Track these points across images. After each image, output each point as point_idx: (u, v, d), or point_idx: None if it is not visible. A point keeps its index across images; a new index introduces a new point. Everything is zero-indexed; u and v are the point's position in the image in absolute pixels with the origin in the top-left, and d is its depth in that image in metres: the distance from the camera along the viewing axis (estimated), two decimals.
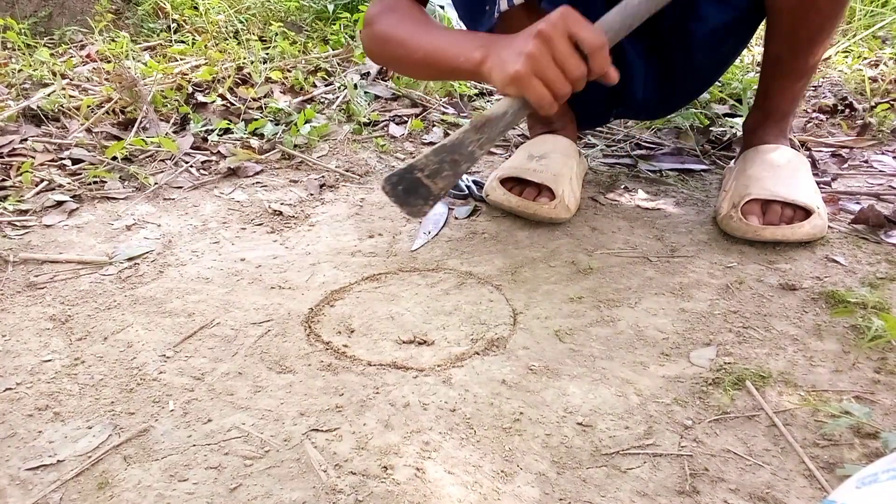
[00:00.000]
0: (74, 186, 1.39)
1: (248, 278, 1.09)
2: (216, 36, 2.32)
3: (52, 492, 0.70)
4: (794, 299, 1.02)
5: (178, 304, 1.02)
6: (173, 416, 0.80)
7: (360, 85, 1.95)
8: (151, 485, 0.71)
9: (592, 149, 1.64)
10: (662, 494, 0.70)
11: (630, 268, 1.11)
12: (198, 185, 1.44)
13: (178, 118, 1.74)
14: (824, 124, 1.72)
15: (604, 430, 0.78)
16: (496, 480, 0.71)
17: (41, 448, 0.76)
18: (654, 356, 0.90)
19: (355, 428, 0.78)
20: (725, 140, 1.62)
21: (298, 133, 1.65)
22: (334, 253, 1.16)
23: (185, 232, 1.24)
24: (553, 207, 1.22)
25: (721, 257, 1.14)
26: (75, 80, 1.94)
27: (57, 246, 1.19)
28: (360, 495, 0.69)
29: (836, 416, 0.78)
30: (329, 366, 0.88)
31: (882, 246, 1.15)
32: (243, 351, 0.92)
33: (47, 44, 2.34)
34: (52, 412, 0.81)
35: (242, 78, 1.99)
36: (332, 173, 1.50)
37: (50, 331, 0.96)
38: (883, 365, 0.87)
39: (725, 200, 1.22)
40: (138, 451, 0.75)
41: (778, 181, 1.19)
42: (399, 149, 1.65)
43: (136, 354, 0.91)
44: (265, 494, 0.69)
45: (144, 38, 2.47)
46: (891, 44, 2.09)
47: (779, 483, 0.71)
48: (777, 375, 0.86)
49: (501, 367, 0.88)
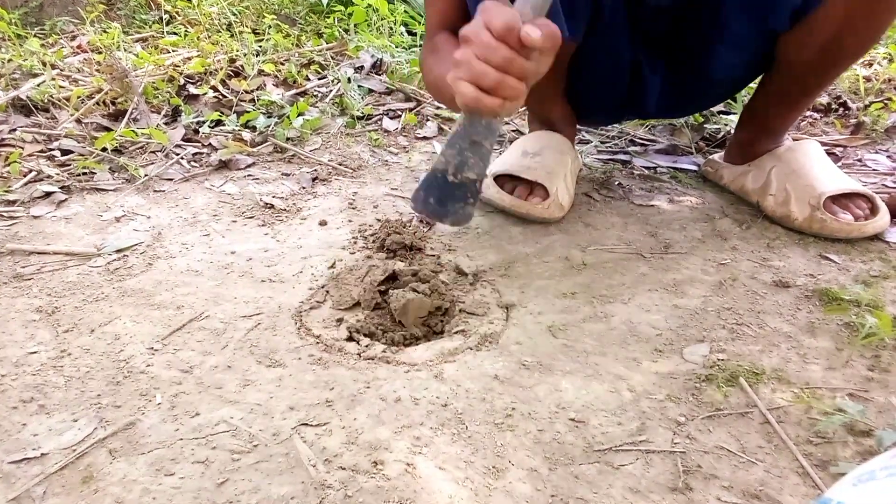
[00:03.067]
0: (63, 177, 1.37)
1: (238, 271, 1.08)
2: (209, 28, 2.30)
3: (35, 485, 0.69)
4: (788, 296, 1.01)
5: (166, 297, 1.01)
6: (160, 410, 0.79)
7: (354, 78, 1.93)
8: (137, 479, 0.69)
9: (587, 145, 1.63)
10: (655, 491, 0.69)
11: (624, 264, 1.11)
12: (188, 178, 1.42)
13: (170, 110, 1.72)
14: (818, 123, 1.72)
15: (596, 427, 0.77)
16: (487, 476, 0.70)
17: (25, 441, 0.74)
18: (647, 352, 0.90)
19: (345, 422, 0.77)
20: (720, 137, 1.62)
21: (291, 126, 1.63)
22: (326, 247, 1.15)
23: (174, 224, 1.23)
24: (546, 207, 1.21)
25: (715, 254, 1.13)
26: (65, 70, 1.92)
27: (44, 237, 1.17)
28: (350, 490, 0.68)
29: (829, 414, 0.78)
30: (319, 360, 0.87)
31: (876, 244, 1.15)
32: (232, 344, 0.90)
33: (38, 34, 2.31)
34: (37, 405, 0.80)
35: (235, 70, 1.97)
36: (324, 167, 1.49)
37: (36, 322, 0.95)
38: (877, 362, 0.87)
39: (792, 204, 1.19)
40: (124, 444, 0.74)
41: (832, 172, 1.20)
42: (392, 143, 1.64)
43: (123, 347, 0.90)
44: (253, 489, 0.68)
45: (136, 29, 2.45)
46: (884, 43, 2.09)
47: (772, 480, 0.71)
48: (770, 372, 0.86)
49: (494, 363, 0.87)
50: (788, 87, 1.21)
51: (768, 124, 1.29)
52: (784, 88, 1.21)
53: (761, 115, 1.28)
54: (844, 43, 1.08)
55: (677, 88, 1.29)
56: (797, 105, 1.25)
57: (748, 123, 1.32)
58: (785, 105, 1.25)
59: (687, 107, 1.43)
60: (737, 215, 1.27)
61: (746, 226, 1.23)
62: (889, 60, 1.97)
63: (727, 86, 1.32)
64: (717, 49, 1.18)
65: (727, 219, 1.26)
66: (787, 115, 1.27)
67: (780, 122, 1.28)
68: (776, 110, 1.26)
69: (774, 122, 1.28)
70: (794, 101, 1.24)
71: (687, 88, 1.29)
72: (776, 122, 1.28)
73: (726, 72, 1.23)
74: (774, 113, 1.27)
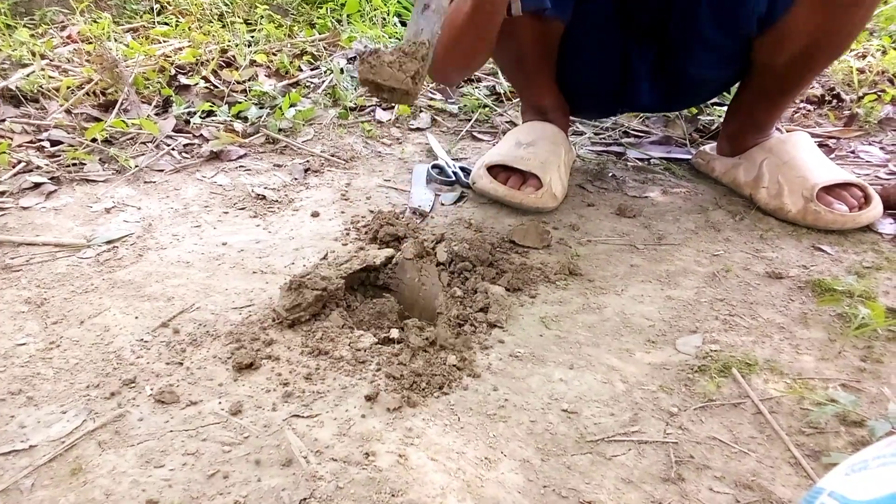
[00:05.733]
0: (53, 168, 1.36)
1: (229, 263, 1.07)
2: (200, 18, 2.27)
3: (23, 477, 0.68)
4: (781, 287, 1.01)
5: (157, 288, 1.00)
6: (150, 402, 0.78)
7: (347, 69, 1.92)
8: (126, 471, 0.69)
9: (581, 136, 1.62)
10: (647, 481, 0.69)
11: (617, 255, 1.10)
12: (179, 169, 1.41)
13: (161, 100, 1.71)
14: (811, 115, 1.72)
15: (589, 417, 0.77)
16: (480, 467, 0.70)
17: (13, 433, 0.74)
18: (640, 343, 0.90)
19: (337, 414, 0.76)
20: (713, 129, 1.62)
21: (283, 117, 1.62)
22: (318, 238, 1.14)
23: (165, 215, 1.22)
24: (539, 197, 1.21)
25: (708, 245, 1.13)
26: (55, 60, 1.90)
27: (34, 228, 1.16)
28: (341, 482, 0.67)
29: (822, 404, 0.78)
30: (311, 350, 0.87)
31: (869, 235, 1.15)
32: (223, 336, 0.90)
33: (27, 24, 2.28)
34: (26, 396, 0.79)
35: (227, 61, 1.96)
36: (317, 158, 1.48)
37: (25, 314, 0.94)
38: (869, 353, 0.87)
39: (785, 196, 1.19)
40: (113, 436, 0.73)
41: (823, 163, 1.20)
42: (385, 134, 1.63)
43: (113, 338, 0.89)
44: (244, 481, 0.68)
45: (127, 19, 2.42)
46: (878, 35, 2.09)
47: (764, 471, 0.70)
48: (763, 363, 0.85)
49: (486, 353, 0.87)
50: (768, 87, 1.22)
51: (754, 119, 1.29)
52: (763, 88, 1.22)
53: (746, 110, 1.29)
54: (818, 46, 1.10)
55: (665, 84, 1.29)
56: (779, 103, 1.26)
57: (735, 117, 1.33)
58: (767, 102, 1.25)
59: (675, 103, 1.43)
60: (730, 207, 1.27)
61: (740, 217, 1.23)
62: (882, 52, 1.97)
63: (710, 85, 1.33)
64: (695, 48, 1.19)
65: (720, 210, 1.26)
66: (771, 111, 1.27)
67: (765, 116, 1.28)
68: (759, 106, 1.27)
69: (759, 116, 1.28)
70: (775, 100, 1.25)
71: (673, 85, 1.29)
72: (761, 117, 1.29)
73: (706, 71, 1.24)
74: (758, 108, 1.27)
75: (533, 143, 1.28)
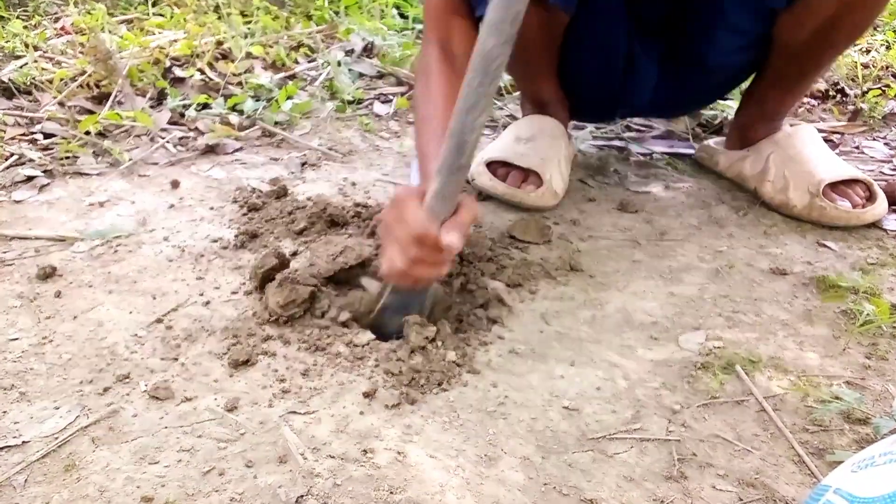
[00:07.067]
0: (46, 161, 1.34)
1: (225, 257, 1.05)
2: (196, 9, 2.25)
3: (16, 473, 0.67)
4: (785, 284, 1.00)
5: (151, 283, 0.98)
6: (144, 398, 0.77)
7: (345, 62, 1.90)
8: (120, 467, 0.68)
9: (582, 131, 1.61)
10: (649, 479, 0.68)
11: (619, 251, 1.09)
12: (174, 162, 1.39)
13: (155, 93, 1.69)
14: (815, 110, 1.71)
15: (590, 414, 0.76)
16: (479, 465, 0.69)
17: (6, 429, 0.72)
18: (642, 340, 0.88)
19: (334, 410, 0.75)
20: (716, 124, 1.61)
21: (280, 110, 1.60)
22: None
23: (160, 209, 1.20)
24: (540, 195, 1.19)
25: (711, 241, 1.12)
26: (49, 52, 1.88)
27: (27, 222, 1.14)
28: (339, 479, 0.66)
29: (826, 402, 0.77)
30: (309, 346, 0.85)
31: (873, 231, 1.14)
32: (219, 331, 0.88)
33: (20, 15, 2.26)
34: (18, 392, 0.77)
35: (222, 53, 1.93)
36: (314, 151, 1.46)
37: (17, 309, 0.92)
38: (874, 350, 0.86)
39: (790, 191, 1.18)
40: (107, 432, 0.72)
41: (829, 158, 1.19)
42: (384, 128, 1.61)
43: (106, 334, 0.87)
44: (239, 478, 0.67)
45: (121, 10, 2.40)
46: (882, 30, 2.08)
47: (768, 468, 0.70)
48: (767, 360, 0.84)
49: (486, 350, 0.86)
50: (786, 70, 1.20)
51: (766, 108, 1.28)
52: (781, 72, 1.20)
53: (760, 99, 1.28)
54: (841, 23, 1.08)
55: (674, 80, 1.27)
56: (795, 89, 1.25)
57: (747, 108, 1.31)
58: (782, 89, 1.24)
59: (683, 101, 1.40)
60: (733, 202, 1.26)
61: (743, 212, 1.22)
62: (887, 47, 1.96)
63: (726, 73, 1.30)
64: (717, 34, 1.16)
65: (724, 205, 1.25)
66: (785, 100, 1.26)
67: (778, 105, 1.27)
68: (774, 94, 1.25)
69: (772, 106, 1.27)
70: (792, 85, 1.23)
71: (684, 79, 1.27)
72: (774, 107, 1.27)
73: (725, 58, 1.21)
74: (772, 96, 1.26)
75: (533, 139, 1.26)
